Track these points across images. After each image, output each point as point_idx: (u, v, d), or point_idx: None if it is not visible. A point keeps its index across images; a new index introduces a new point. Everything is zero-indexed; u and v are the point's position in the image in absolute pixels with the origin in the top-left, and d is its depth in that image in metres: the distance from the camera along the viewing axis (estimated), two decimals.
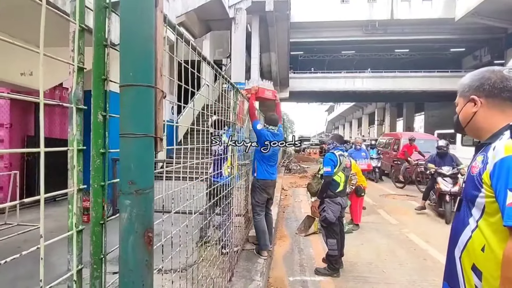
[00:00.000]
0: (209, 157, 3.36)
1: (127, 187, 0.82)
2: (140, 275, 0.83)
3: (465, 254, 1.12)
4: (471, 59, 26.05)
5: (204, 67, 2.26)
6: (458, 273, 1.15)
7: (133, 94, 0.84)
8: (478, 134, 1.20)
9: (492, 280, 1.04)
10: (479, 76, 1.17)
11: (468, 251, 1.12)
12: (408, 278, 3.62)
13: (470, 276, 1.10)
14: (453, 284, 1.18)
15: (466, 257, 1.12)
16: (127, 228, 0.82)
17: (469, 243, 1.11)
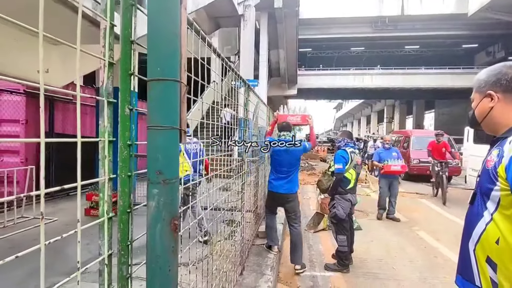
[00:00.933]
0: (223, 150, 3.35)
1: (155, 177, 0.86)
2: (166, 260, 0.87)
3: (479, 246, 1.13)
4: (484, 55, 25.51)
5: (214, 65, 2.29)
6: (472, 265, 1.16)
7: (160, 88, 0.87)
8: (494, 129, 1.20)
9: (507, 272, 1.05)
10: (495, 72, 1.17)
11: (482, 244, 1.12)
12: (419, 275, 3.62)
13: (484, 268, 1.11)
14: (468, 277, 1.19)
15: (480, 250, 1.13)
16: (155, 216, 0.86)
17: (484, 235, 1.12)
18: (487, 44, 24.49)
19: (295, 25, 15.26)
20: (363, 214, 6.29)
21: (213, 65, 11.26)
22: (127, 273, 0.96)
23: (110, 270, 0.89)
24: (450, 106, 30.04)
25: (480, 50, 25.87)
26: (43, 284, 0.65)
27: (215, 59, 11.66)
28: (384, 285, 3.36)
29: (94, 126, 7.84)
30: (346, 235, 3.67)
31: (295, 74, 21.85)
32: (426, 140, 11.87)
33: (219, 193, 2.73)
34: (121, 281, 0.96)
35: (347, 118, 66.15)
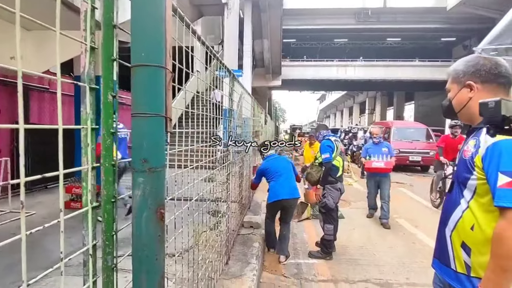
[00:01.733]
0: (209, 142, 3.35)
1: (140, 165, 0.85)
2: (153, 249, 0.87)
3: (455, 232, 1.19)
4: (461, 48, 26.28)
5: (197, 54, 2.24)
6: (448, 250, 1.23)
7: (145, 74, 0.85)
8: (471, 119, 1.24)
9: (479, 255, 1.12)
10: (474, 62, 1.20)
11: (458, 230, 1.19)
12: (398, 260, 3.77)
13: (459, 252, 1.18)
14: (444, 261, 1.25)
15: (456, 236, 1.19)
16: (141, 205, 0.85)
17: (460, 222, 1.17)
18: (464, 38, 25.22)
19: (279, 15, 15.15)
20: (345, 203, 6.45)
21: (197, 54, 11.04)
22: (112, 263, 0.95)
23: (95, 261, 0.88)
24: (429, 98, 30.92)
25: (457, 44, 26.62)
26: (25, 276, 0.63)
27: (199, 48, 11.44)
28: (365, 270, 3.48)
29: (71, 117, 7.57)
30: (334, 225, 3.76)
31: (279, 65, 21.79)
32: (406, 131, 12.24)
33: (203, 184, 2.72)
34: (106, 271, 0.94)
35: (330, 109, 66.98)
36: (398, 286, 3.16)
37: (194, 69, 10.79)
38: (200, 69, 11.70)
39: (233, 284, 2.78)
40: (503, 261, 1.00)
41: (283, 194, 3.57)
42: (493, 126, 0.73)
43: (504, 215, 1.01)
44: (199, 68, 11.46)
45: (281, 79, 23.83)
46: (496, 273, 1.01)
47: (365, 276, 3.35)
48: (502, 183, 1.01)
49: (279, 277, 3.29)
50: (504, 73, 1.16)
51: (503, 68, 1.16)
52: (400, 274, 3.39)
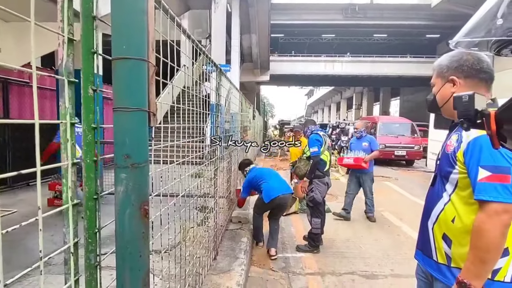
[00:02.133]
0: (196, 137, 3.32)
1: (122, 161, 0.83)
2: (137, 246, 0.85)
3: (437, 225, 1.23)
4: (445, 45, 26.79)
5: (184, 48, 2.20)
6: (430, 242, 1.26)
7: (126, 68, 0.83)
8: (454, 114, 1.22)
9: (460, 247, 1.15)
10: (457, 58, 1.22)
11: (439, 222, 1.22)
12: (383, 252, 3.86)
13: (440, 244, 1.21)
14: (426, 252, 1.29)
15: (437, 228, 1.23)
16: (123, 201, 0.83)
17: (441, 214, 1.21)
18: (447, 35, 25.70)
19: (267, 9, 15.06)
20: (332, 197, 6.54)
21: (184, 48, 10.87)
22: (96, 261, 0.93)
23: (76, 259, 0.86)
24: (414, 93, 31.56)
25: (441, 40, 27.16)
26: (1, 276, 0.61)
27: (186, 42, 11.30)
28: (351, 263, 3.55)
29: (55, 112, 7.35)
30: (321, 218, 3.80)
31: (267, 59, 21.74)
32: (391, 126, 12.48)
33: (191, 180, 2.70)
34: (89, 269, 0.92)
35: (318, 104, 67.46)
36: (383, 277, 3.23)
37: (181, 63, 10.62)
38: (187, 64, 11.55)
39: (221, 279, 2.78)
40: (482, 252, 1.03)
41: (278, 191, 3.61)
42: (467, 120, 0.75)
43: (483, 208, 1.04)
44: (186, 63, 11.31)
45: (270, 74, 23.79)
46: (475, 264, 1.05)
47: (351, 268, 3.41)
48: (482, 177, 1.04)
49: (267, 271, 3.32)
50: (485, 68, 1.18)
51: (484, 64, 1.18)
52: (385, 266, 3.47)
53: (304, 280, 3.16)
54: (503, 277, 1.10)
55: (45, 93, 7.53)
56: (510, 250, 1.10)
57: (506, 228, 1.02)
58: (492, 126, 0.60)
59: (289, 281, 3.14)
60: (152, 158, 1.45)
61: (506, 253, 1.09)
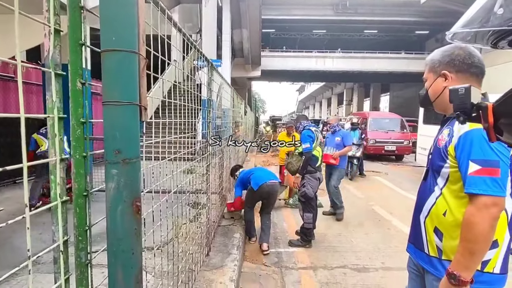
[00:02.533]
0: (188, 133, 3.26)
1: (113, 157, 0.81)
2: (129, 243, 0.83)
3: (429, 218, 1.24)
4: (434, 42, 27.21)
5: (174, 42, 2.16)
6: (422, 235, 1.27)
7: (116, 60, 0.80)
8: (445, 108, 1.26)
9: (451, 240, 1.17)
10: (449, 52, 1.23)
11: (431, 216, 1.23)
12: (374, 246, 3.91)
13: (432, 237, 1.23)
14: (418, 245, 1.31)
15: (429, 221, 1.24)
16: (115, 197, 0.81)
17: (433, 208, 1.22)
18: (436, 31, 26.07)
19: (258, 4, 14.96)
20: (324, 192, 6.57)
21: (174, 43, 10.74)
22: (86, 259, 0.91)
23: (66, 257, 0.83)
24: (404, 89, 31.95)
25: (430, 37, 27.51)
26: None
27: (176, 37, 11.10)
28: (343, 256, 3.59)
29: (42, 107, 7.18)
30: (313, 213, 3.83)
31: (258, 55, 21.63)
32: (381, 121, 12.60)
33: (183, 176, 2.67)
34: (80, 268, 0.90)
35: (309, 100, 67.71)
36: (374, 270, 3.28)
37: (171, 58, 10.47)
38: (178, 59, 11.40)
39: (214, 275, 2.78)
40: (471, 244, 1.05)
41: (266, 178, 3.71)
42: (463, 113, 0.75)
43: (473, 201, 1.06)
44: (176, 58, 11.17)
45: (261, 69, 23.70)
46: (465, 256, 1.06)
47: (343, 262, 3.45)
48: (472, 171, 1.06)
49: (260, 266, 3.33)
50: (476, 63, 1.19)
51: (476, 58, 1.19)
52: (376, 259, 3.52)
53: (297, 275, 3.18)
54: (492, 268, 1.12)
55: (31, 88, 7.34)
56: (499, 242, 1.13)
57: (495, 220, 1.03)
58: (489, 118, 0.60)
59: (282, 275, 3.16)
60: (144, 154, 1.42)
61: (495, 245, 1.11)
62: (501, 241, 1.13)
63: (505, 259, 1.15)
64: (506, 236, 1.14)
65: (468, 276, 1.05)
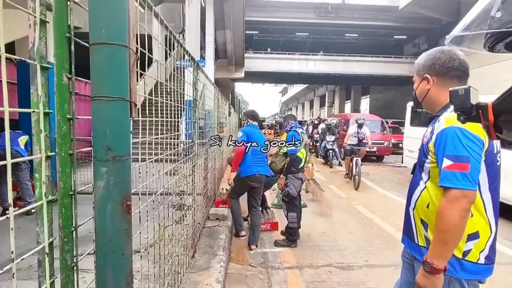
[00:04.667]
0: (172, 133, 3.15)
1: (102, 154, 0.77)
2: (119, 244, 0.80)
3: (416, 210, 1.31)
4: (411, 46, 28.20)
5: (156, 42, 2.12)
6: (412, 226, 1.34)
7: (106, 54, 0.77)
8: (432, 108, 1.35)
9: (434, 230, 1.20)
10: (431, 56, 1.30)
11: (417, 208, 1.30)
12: (357, 244, 3.99)
13: (420, 227, 1.30)
14: (410, 236, 1.37)
15: (416, 213, 1.31)
16: (104, 196, 0.78)
17: (419, 201, 1.29)
18: (414, 36, 27.06)
19: (242, 5, 14.97)
20: (308, 193, 6.65)
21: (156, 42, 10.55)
22: (72, 262, 0.87)
23: (52, 260, 0.79)
24: (383, 92, 32.88)
25: (408, 42, 28.49)
26: None
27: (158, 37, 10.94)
28: (328, 255, 3.63)
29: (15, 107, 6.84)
30: (297, 212, 3.85)
31: (242, 56, 21.64)
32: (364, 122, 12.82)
33: (168, 177, 2.62)
34: (65, 271, 0.86)
35: (292, 102, 68.37)
36: (358, 268, 3.34)
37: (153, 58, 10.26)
38: (160, 59, 11.21)
39: (200, 276, 2.74)
40: (443, 234, 1.11)
41: (255, 170, 3.67)
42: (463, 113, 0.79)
43: (446, 194, 1.12)
44: (159, 57, 10.98)
45: (244, 71, 23.72)
46: (438, 246, 1.13)
47: (328, 260, 3.49)
48: (445, 166, 1.12)
49: (246, 267, 3.31)
50: (457, 66, 1.24)
51: (456, 62, 1.24)
52: (360, 257, 3.59)
53: (283, 274, 3.19)
54: (475, 258, 1.18)
55: None
56: (480, 233, 1.19)
57: (465, 212, 1.09)
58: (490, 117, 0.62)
59: (268, 275, 3.16)
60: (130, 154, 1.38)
61: (476, 236, 1.18)
62: (483, 233, 1.19)
63: (491, 250, 1.20)
64: (492, 228, 1.20)
65: (440, 264, 1.11)
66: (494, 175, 1.19)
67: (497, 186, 1.22)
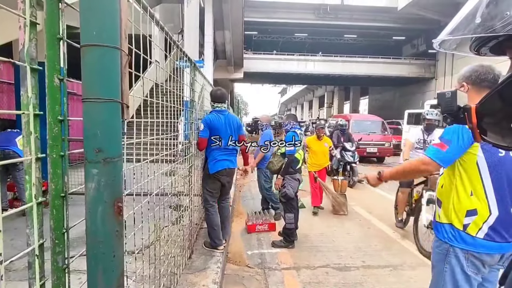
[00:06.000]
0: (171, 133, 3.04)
1: (93, 156, 0.77)
2: (110, 246, 0.80)
3: (437, 192, 1.61)
4: (410, 47, 28.24)
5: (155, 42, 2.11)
6: (435, 208, 1.63)
7: (97, 56, 0.77)
8: None
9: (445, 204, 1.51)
10: (471, 69, 1.52)
11: (437, 190, 1.61)
12: (355, 244, 3.99)
13: (437, 207, 1.58)
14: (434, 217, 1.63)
15: (437, 195, 1.60)
16: (95, 198, 0.78)
17: (438, 184, 1.60)
18: (412, 38, 27.09)
19: (241, 5, 14.98)
20: (305, 193, 6.64)
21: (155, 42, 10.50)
22: (64, 264, 0.87)
23: (42, 262, 0.79)
24: (382, 92, 32.92)
25: (407, 43, 28.53)
26: None
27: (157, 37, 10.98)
28: (325, 256, 3.63)
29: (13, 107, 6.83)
30: (294, 213, 3.85)
31: (241, 57, 21.64)
32: (363, 123, 12.52)
33: (165, 178, 2.62)
34: (56, 273, 0.86)
35: (291, 103, 68.41)
36: (355, 269, 3.34)
37: (153, 58, 10.26)
38: (160, 59, 11.20)
39: (196, 277, 2.74)
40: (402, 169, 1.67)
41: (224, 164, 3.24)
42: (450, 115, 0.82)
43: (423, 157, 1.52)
44: (158, 58, 10.97)
45: (243, 71, 23.72)
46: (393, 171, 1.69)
47: (325, 261, 3.49)
48: (434, 143, 1.51)
49: (243, 268, 3.31)
50: (490, 79, 1.45)
51: (490, 75, 1.45)
52: (357, 258, 3.59)
53: (280, 275, 3.19)
54: (474, 232, 1.42)
55: (2, 87, 6.98)
56: (478, 211, 1.42)
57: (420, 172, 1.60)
58: (473, 119, 0.63)
59: (265, 276, 3.16)
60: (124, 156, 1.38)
61: (474, 213, 1.43)
62: (481, 212, 1.42)
63: (491, 229, 1.41)
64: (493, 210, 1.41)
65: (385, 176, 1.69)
66: (495, 164, 1.41)
67: (503, 175, 1.41)
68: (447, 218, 1.48)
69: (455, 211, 1.46)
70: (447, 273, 1.46)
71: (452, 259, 1.45)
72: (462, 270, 1.43)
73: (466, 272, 1.42)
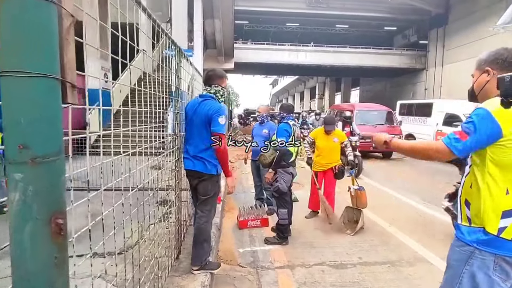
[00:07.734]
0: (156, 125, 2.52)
1: (16, 154, 0.54)
2: (45, 279, 0.58)
3: (462, 193, 1.43)
4: (401, 38, 28.16)
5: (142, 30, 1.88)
6: (459, 209, 1.45)
7: (18, 8, 0.53)
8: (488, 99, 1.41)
9: (475, 205, 1.33)
10: (494, 53, 1.42)
11: (463, 192, 1.43)
12: (350, 240, 3.85)
13: (464, 208, 1.40)
14: (457, 220, 1.46)
15: (462, 196, 1.43)
16: (21, 214, 0.55)
17: (464, 184, 1.42)
18: (404, 28, 26.99)
19: None
20: (299, 186, 6.50)
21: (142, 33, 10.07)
22: None
23: None
24: (373, 83, 32.90)
25: (398, 33, 28.42)
26: None
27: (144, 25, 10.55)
28: (320, 253, 3.47)
29: None
30: (287, 208, 3.67)
31: (231, 47, 21.16)
32: (369, 114, 11.00)
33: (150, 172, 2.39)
34: None
35: (282, 94, 68.08)
36: (352, 266, 3.19)
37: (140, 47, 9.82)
38: (147, 48, 10.76)
39: (184, 280, 2.54)
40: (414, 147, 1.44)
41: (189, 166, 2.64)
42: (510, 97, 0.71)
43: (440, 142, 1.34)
44: (145, 47, 10.53)
45: (234, 62, 23.28)
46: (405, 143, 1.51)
47: (321, 259, 3.33)
48: (454, 130, 1.32)
49: (234, 267, 3.13)
50: None
51: None
52: (353, 254, 3.45)
53: (274, 274, 3.02)
54: (510, 236, 1.25)
55: None
56: None
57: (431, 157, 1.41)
58: None
59: (258, 276, 2.98)
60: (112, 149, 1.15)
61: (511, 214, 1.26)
62: None
63: None
64: None
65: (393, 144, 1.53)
66: None
67: None
68: (479, 221, 1.31)
69: (488, 212, 1.28)
70: (466, 274, 1.31)
71: (477, 261, 1.29)
72: (487, 274, 1.27)
73: (491, 276, 1.26)
